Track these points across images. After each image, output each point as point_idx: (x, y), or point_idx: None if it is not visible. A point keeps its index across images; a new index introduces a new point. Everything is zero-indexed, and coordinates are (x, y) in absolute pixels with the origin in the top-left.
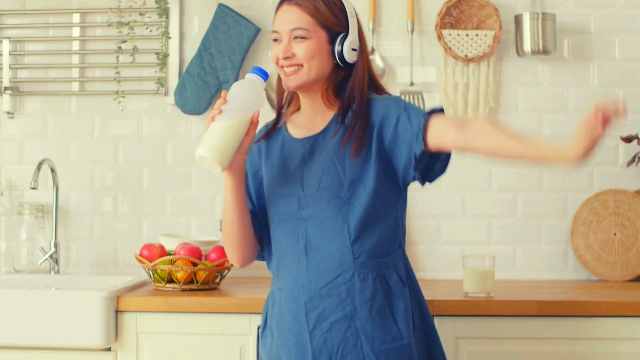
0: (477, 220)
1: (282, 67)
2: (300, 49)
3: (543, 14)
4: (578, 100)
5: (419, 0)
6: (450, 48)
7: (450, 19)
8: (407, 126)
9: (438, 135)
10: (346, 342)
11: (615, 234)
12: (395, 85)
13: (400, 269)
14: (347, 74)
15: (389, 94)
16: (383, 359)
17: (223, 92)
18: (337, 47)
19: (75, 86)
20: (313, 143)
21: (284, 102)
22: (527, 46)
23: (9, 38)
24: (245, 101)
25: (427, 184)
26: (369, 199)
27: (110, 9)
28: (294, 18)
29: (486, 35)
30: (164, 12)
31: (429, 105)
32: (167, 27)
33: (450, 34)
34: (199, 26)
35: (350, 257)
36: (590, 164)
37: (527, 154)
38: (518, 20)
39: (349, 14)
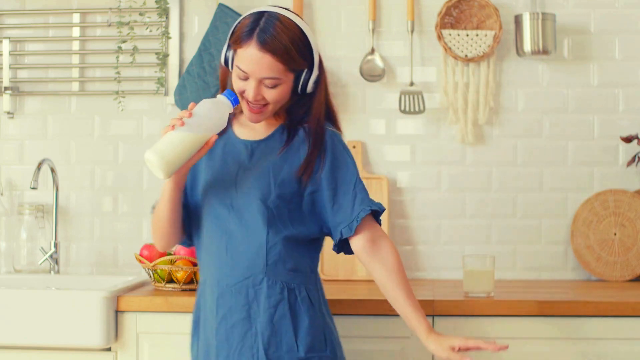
0: (477, 220)
1: (248, 102)
2: (271, 95)
3: (543, 14)
4: (578, 100)
5: (419, 0)
6: (450, 48)
7: (450, 19)
8: (349, 204)
9: (358, 237)
10: (244, 343)
11: (615, 234)
12: (395, 85)
13: (311, 290)
14: (300, 97)
15: (339, 131)
16: None
17: (191, 105)
18: (301, 82)
19: (75, 86)
20: (255, 148)
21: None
22: (527, 46)
23: (9, 38)
24: (208, 121)
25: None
26: (291, 219)
27: (110, 9)
28: (266, 67)
29: (486, 35)
30: (164, 12)
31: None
32: (167, 27)
33: (450, 34)
34: (199, 26)
35: (264, 261)
36: (590, 164)
37: (401, 312)
38: (518, 20)
39: (314, 50)
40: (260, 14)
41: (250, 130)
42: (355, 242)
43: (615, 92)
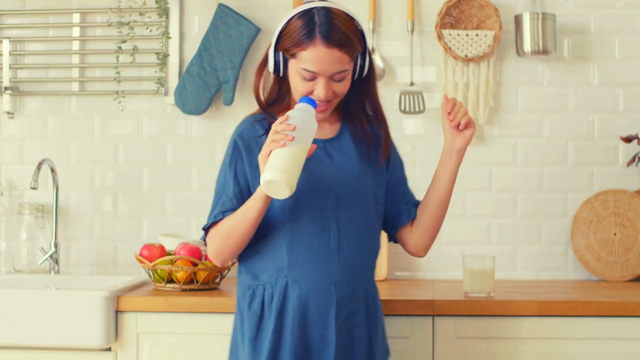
0: (477, 220)
1: (315, 101)
2: (340, 88)
3: (543, 14)
4: (578, 100)
5: (419, 0)
6: (450, 48)
7: (450, 19)
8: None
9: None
10: (362, 343)
11: (615, 234)
12: (395, 85)
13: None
14: (353, 85)
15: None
16: None
17: (282, 118)
18: (358, 67)
19: (75, 86)
20: (329, 147)
21: (271, 100)
22: (527, 46)
23: (9, 38)
24: (308, 129)
25: None
26: (381, 219)
27: (110, 9)
28: (336, 62)
29: (486, 35)
30: (164, 12)
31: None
32: (167, 27)
33: (450, 34)
34: (199, 26)
35: (373, 264)
36: (590, 164)
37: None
38: (518, 20)
39: (365, 35)
40: (310, 11)
41: None
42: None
43: (615, 92)
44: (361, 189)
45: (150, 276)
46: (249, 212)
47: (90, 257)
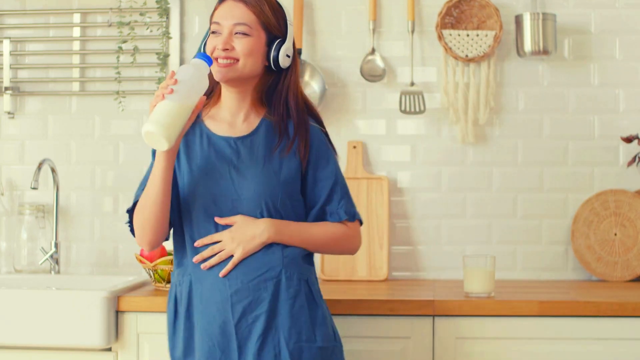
0: (478, 220)
1: (217, 58)
2: (240, 45)
3: (543, 14)
4: (578, 101)
5: (419, 1)
6: (450, 48)
7: (450, 19)
8: (334, 198)
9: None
10: (266, 335)
11: (615, 234)
12: (395, 85)
13: (315, 281)
14: (275, 81)
15: (318, 116)
16: (295, 357)
17: (172, 72)
18: (273, 51)
19: (75, 86)
20: (239, 145)
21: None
22: (528, 46)
23: (10, 38)
24: (194, 85)
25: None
26: (292, 214)
27: (111, 9)
28: (238, 13)
29: (487, 35)
30: (165, 12)
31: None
32: (167, 27)
33: (450, 34)
34: (199, 26)
35: (280, 255)
36: (590, 164)
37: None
38: (518, 20)
39: (288, 22)
40: None
41: (227, 126)
42: None
43: (616, 92)
44: (257, 193)
45: (151, 276)
46: (154, 175)
47: (91, 257)
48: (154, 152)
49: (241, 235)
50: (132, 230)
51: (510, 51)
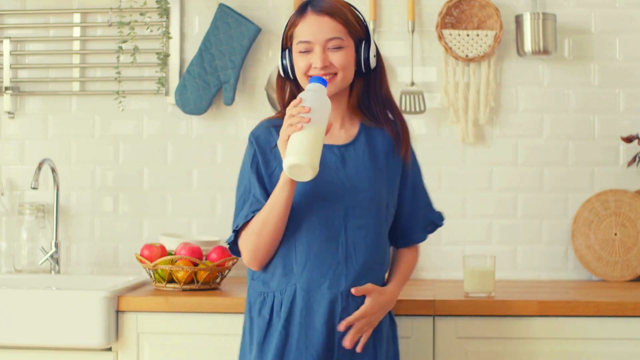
0: (478, 220)
1: (314, 76)
2: (338, 58)
3: (544, 14)
4: (578, 100)
5: (419, 0)
6: (450, 48)
7: (450, 19)
8: (421, 211)
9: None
10: (367, 349)
11: (615, 234)
12: (395, 85)
13: None
14: (366, 84)
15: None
16: None
17: (295, 102)
18: (363, 55)
19: (75, 86)
20: (344, 152)
21: (287, 103)
22: (528, 46)
23: (10, 38)
24: (322, 108)
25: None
26: (388, 225)
27: (111, 8)
28: (328, 28)
29: (487, 35)
30: (165, 12)
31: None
32: (167, 27)
33: (450, 34)
34: (199, 26)
35: (383, 273)
36: (590, 164)
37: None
38: (519, 20)
39: (367, 24)
40: (304, 2)
41: (329, 135)
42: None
43: (616, 92)
44: (372, 199)
45: (151, 276)
46: (276, 203)
47: (91, 257)
48: (252, 167)
49: (378, 310)
50: (231, 249)
51: (511, 51)
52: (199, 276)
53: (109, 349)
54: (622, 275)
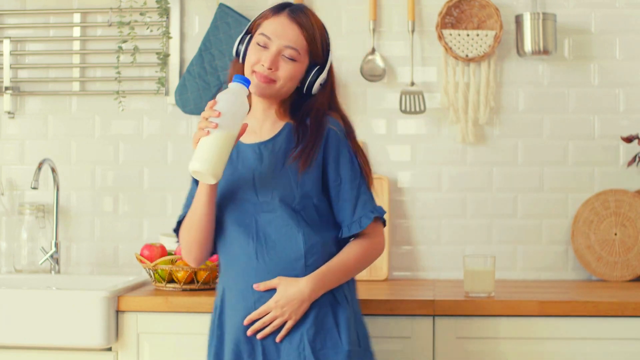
0: (478, 220)
1: (258, 72)
2: (285, 69)
3: (544, 14)
4: (578, 100)
5: (419, 0)
6: (450, 48)
7: (450, 19)
8: (350, 204)
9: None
10: (291, 343)
11: (615, 234)
12: (395, 85)
13: (342, 286)
14: (305, 95)
15: (343, 116)
16: None
17: (210, 103)
18: (310, 78)
19: (75, 86)
20: (262, 149)
21: None
22: (528, 46)
23: (10, 38)
24: (237, 112)
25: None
26: (316, 213)
27: (111, 8)
28: (292, 36)
29: (487, 35)
30: (165, 12)
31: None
32: (167, 27)
33: (450, 34)
34: (199, 26)
35: (302, 263)
36: (590, 164)
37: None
38: (519, 20)
39: (330, 50)
40: (287, 3)
41: (253, 133)
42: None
43: (616, 92)
44: (281, 193)
45: (151, 276)
46: (197, 200)
47: (91, 257)
48: None
49: (287, 302)
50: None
51: (511, 51)
52: (199, 276)
53: (109, 349)
54: (622, 275)
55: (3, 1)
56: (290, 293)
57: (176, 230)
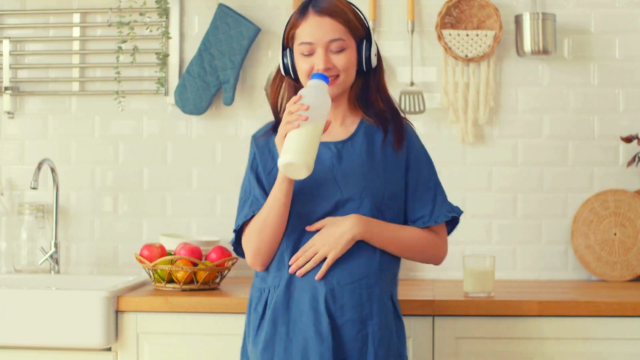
0: (478, 220)
1: None
2: (340, 60)
3: (543, 14)
4: (578, 100)
5: (419, 0)
6: (450, 48)
7: (450, 19)
8: (429, 201)
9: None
10: (355, 343)
11: (615, 234)
12: (395, 85)
13: (397, 297)
14: (366, 81)
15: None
16: None
17: (295, 98)
18: (365, 54)
19: (75, 86)
20: (341, 149)
21: (282, 103)
22: (528, 46)
23: (9, 38)
24: (322, 105)
25: None
26: (398, 212)
27: (111, 9)
28: (330, 29)
29: (486, 35)
30: (164, 12)
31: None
32: (167, 27)
33: (450, 34)
34: (199, 26)
35: (377, 265)
36: (590, 164)
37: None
38: (518, 20)
39: (367, 23)
40: (306, 1)
41: (327, 132)
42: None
43: (616, 92)
44: (364, 190)
45: (151, 276)
46: (274, 200)
47: (91, 257)
48: (252, 168)
49: (329, 236)
50: (235, 250)
51: (510, 51)
52: (198, 276)
53: (109, 349)
54: (622, 275)
55: (3, 1)
56: (332, 229)
57: (237, 237)
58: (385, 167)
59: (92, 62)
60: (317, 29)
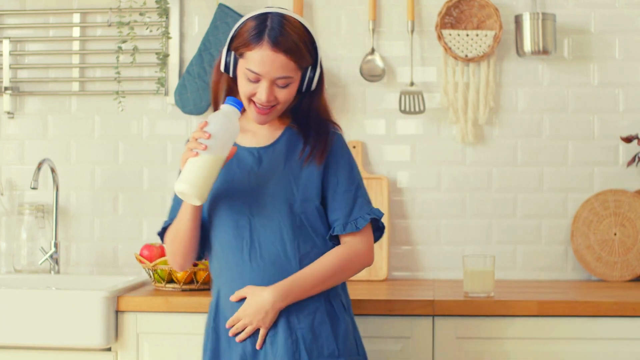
0: (477, 220)
1: (257, 102)
2: (283, 94)
3: (543, 14)
4: (578, 100)
5: (419, 0)
6: (450, 48)
7: (450, 19)
8: (347, 204)
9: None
10: (286, 350)
11: (615, 234)
12: (395, 85)
13: (339, 294)
14: (302, 96)
15: (338, 128)
16: None
17: (201, 124)
18: (306, 80)
19: (75, 86)
20: (262, 154)
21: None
22: (528, 46)
23: (9, 38)
24: (226, 135)
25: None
26: (315, 218)
27: (111, 9)
28: (280, 66)
29: (486, 35)
30: (164, 12)
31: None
32: (167, 27)
33: (450, 34)
34: (199, 26)
35: (297, 268)
36: (590, 164)
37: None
38: (518, 20)
39: (317, 47)
40: (264, 15)
41: (253, 136)
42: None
43: (616, 92)
44: (278, 197)
45: (151, 276)
46: (183, 214)
47: (91, 257)
48: None
49: (253, 312)
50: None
51: (510, 51)
52: (198, 276)
53: (109, 349)
54: (622, 275)
55: (3, 1)
56: (254, 303)
57: (161, 235)
58: (300, 172)
59: (92, 62)
60: (268, 64)
